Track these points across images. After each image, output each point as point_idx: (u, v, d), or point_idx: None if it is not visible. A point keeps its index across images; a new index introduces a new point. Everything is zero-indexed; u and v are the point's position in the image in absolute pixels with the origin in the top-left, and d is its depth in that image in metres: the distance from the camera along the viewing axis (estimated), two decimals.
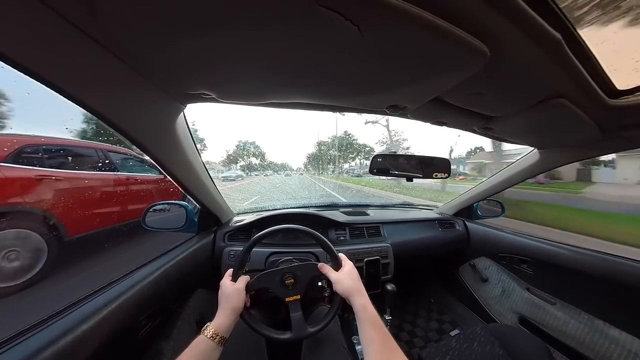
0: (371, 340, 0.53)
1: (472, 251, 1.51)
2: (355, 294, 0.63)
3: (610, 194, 7.57)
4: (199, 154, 0.89)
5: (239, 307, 0.64)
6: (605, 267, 0.91)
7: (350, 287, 0.65)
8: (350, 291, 0.64)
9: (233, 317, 0.62)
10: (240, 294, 0.66)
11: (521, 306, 1.20)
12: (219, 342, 0.57)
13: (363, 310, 0.59)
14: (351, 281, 0.66)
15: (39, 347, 0.46)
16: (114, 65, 0.45)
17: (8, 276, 1.73)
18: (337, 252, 0.74)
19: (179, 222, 1.09)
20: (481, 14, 0.34)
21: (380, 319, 0.58)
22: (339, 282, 0.67)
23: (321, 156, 26.63)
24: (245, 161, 28.13)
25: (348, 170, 25.86)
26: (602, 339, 0.89)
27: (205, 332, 0.57)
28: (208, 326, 0.58)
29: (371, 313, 0.58)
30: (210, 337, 0.56)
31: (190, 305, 0.96)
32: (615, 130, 0.73)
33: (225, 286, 0.66)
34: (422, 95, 0.58)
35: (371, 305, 0.60)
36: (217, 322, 0.60)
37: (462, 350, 0.95)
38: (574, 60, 0.45)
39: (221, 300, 0.65)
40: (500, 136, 0.92)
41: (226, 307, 0.63)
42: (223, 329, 0.59)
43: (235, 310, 0.63)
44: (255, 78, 0.50)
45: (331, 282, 0.69)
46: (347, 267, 0.70)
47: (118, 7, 0.32)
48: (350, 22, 0.32)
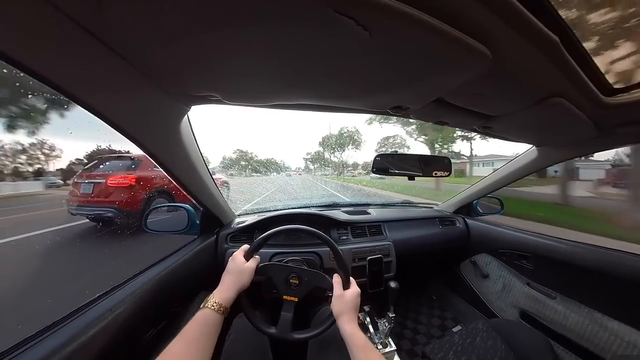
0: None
1: (472, 248, 1.53)
2: (345, 319, 0.63)
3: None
4: (201, 155, 0.89)
5: (245, 284, 0.65)
6: (603, 260, 0.93)
7: (345, 310, 0.65)
8: (343, 314, 0.64)
9: (236, 292, 0.63)
10: (251, 273, 0.66)
11: (522, 301, 1.22)
12: (223, 312, 0.57)
13: (352, 336, 0.59)
14: (349, 305, 0.66)
15: (46, 354, 0.45)
16: (119, 66, 0.45)
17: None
18: (350, 272, 0.73)
19: (180, 224, 1.09)
20: (482, 18, 0.35)
21: (369, 342, 0.59)
22: (339, 300, 0.67)
23: (320, 157, 26.50)
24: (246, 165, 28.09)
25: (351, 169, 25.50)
26: (601, 331, 0.91)
27: (208, 303, 0.57)
28: (212, 298, 0.58)
29: (359, 338, 0.59)
30: (217, 310, 0.56)
31: (194, 307, 0.96)
32: (611, 127, 0.74)
33: (238, 261, 0.67)
34: (425, 96, 0.59)
35: (359, 331, 0.61)
36: (223, 294, 0.60)
37: (464, 345, 0.97)
38: (571, 60, 0.47)
39: (231, 273, 0.65)
40: (500, 134, 0.93)
41: (235, 281, 0.63)
42: (228, 301, 0.59)
43: (242, 287, 0.64)
44: (262, 80, 0.51)
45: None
46: (353, 290, 0.69)
47: (124, 6, 0.32)
48: (362, 28, 0.33)
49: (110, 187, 3.04)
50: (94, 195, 3.02)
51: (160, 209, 1.15)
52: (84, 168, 3.33)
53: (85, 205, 3.06)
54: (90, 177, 3.13)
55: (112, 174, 3.10)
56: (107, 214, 2.95)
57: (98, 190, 3.03)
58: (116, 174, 3.11)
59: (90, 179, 3.11)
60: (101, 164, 3.37)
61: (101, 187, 3.03)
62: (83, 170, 3.31)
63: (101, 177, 3.09)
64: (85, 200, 3.04)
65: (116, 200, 2.98)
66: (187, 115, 0.72)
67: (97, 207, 3.03)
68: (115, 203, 2.97)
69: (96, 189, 3.04)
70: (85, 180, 3.12)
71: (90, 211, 3.11)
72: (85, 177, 3.14)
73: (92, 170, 3.30)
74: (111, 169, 3.25)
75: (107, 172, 3.17)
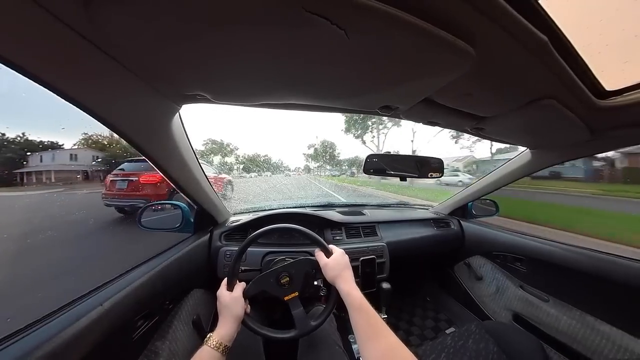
0: (357, 324, 0.55)
1: (466, 250, 1.52)
2: (340, 280, 0.64)
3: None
4: (194, 154, 0.89)
5: (240, 314, 0.65)
6: (597, 264, 0.93)
7: (336, 274, 0.66)
8: (336, 277, 0.65)
9: (235, 326, 0.63)
10: (239, 302, 0.66)
11: (515, 304, 1.22)
12: (223, 351, 0.57)
13: (348, 295, 0.60)
14: (337, 268, 0.67)
15: (31, 348, 0.45)
16: (110, 66, 0.45)
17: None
18: (325, 242, 0.75)
19: (175, 222, 1.09)
20: (465, 16, 0.35)
21: (367, 302, 0.58)
22: (327, 268, 0.68)
23: (317, 156, 26.14)
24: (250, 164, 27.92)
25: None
26: (593, 334, 0.91)
27: (208, 342, 0.57)
28: (211, 337, 0.58)
29: (355, 297, 0.59)
30: (215, 348, 0.56)
31: (186, 305, 0.96)
32: (604, 130, 0.74)
33: (223, 296, 0.67)
34: (412, 95, 0.59)
35: (356, 290, 0.61)
36: (220, 332, 0.60)
37: (457, 347, 0.96)
38: (562, 61, 0.46)
39: (221, 311, 0.65)
40: (492, 136, 0.93)
41: (227, 317, 0.63)
42: (227, 338, 0.59)
43: (237, 318, 0.64)
44: (248, 80, 0.51)
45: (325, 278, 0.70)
46: (336, 254, 0.72)
47: (111, 7, 0.32)
48: (336, 27, 0.32)
49: (142, 184, 3.72)
50: (129, 190, 3.79)
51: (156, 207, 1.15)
52: (118, 168, 4.10)
53: (121, 199, 3.84)
54: (126, 175, 3.87)
55: (144, 173, 3.75)
56: (139, 205, 3.42)
57: (132, 186, 3.78)
58: (147, 172, 3.76)
59: (125, 177, 3.85)
60: (130, 163, 4.06)
61: (135, 184, 3.77)
62: (117, 169, 4.10)
63: (134, 175, 3.80)
64: (120, 194, 3.82)
65: (147, 194, 3.69)
66: (179, 114, 0.72)
67: (131, 200, 3.80)
68: (146, 196, 3.68)
69: (130, 185, 3.79)
70: (121, 177, 3.88)
71: (125, 203, 3.85)
72: (121, 175, 3.90)
73: (124, 169, 4.09)
74: (141, 169, 3.87)
75: (139, 171, 3.79)
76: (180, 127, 0.77)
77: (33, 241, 2.55)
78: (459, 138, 17.65)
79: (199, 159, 0.93)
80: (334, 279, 0.66)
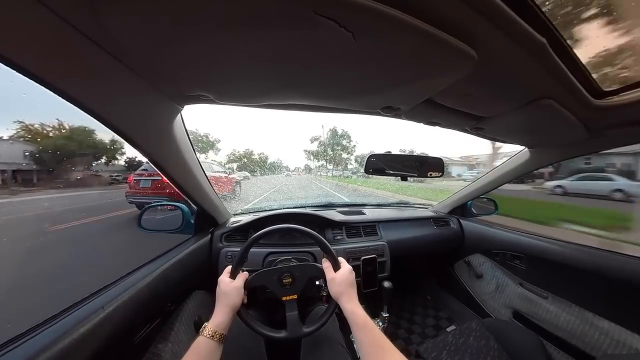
0: (362, 342, 0.55)
1: (466, 248, 1.53)
2: (345, 298, 0.63)
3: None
4: (196, 155, 0.89)
5: (237, 304, 0.64)
6: (595, 261, 0.94)
7: (342, 291, 0.65)
8: (341, 295, 0.64)
9: (231, 315, 0.62)
10: (239, 291, 0.66)
11: (515, 301, 1.23)
12: (219, 339, 0.57)
13: (352, 314, 0.60)
14: (343, 285, 0.66)
15: (32, 354, 0.45)
16: (112, 66, 0.45)
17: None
18: (336, 254, 0.73)
19: (175, 223, 1.09)
20: (468, 19, 0.35)
21: (371, 320, 0.59)
22: (333, 283, 0.67)
23: (319, 154, 25.98)
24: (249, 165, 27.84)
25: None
26: (592, 330, 0.92)
27: (204, 332, 0.57)
28: (206, 326, 0.58)
29: (360, 316, 0.59)
30: (210, 337, 0.56)
31: (188, 306, 0.96)
32: (601, 129, 0.75)
33: (223, 283, 0.66)
34: (414, 96, 0.60)
35: (360, 309, 0.61)
36: (215, 320, 0.60)
37: (458, 345, 0.97)
38: (559, 62, 0.47)
39: (219, 297, 0.65)
40: (491, 136, 0.94)
41: (225, 304, 0.63)
42: (222, 326, 0.59)
43: (234, 307, 0.63)
44: (251, 80, 0.51)
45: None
46: (344, 270, 0.70)
47: (116, 8, 0.32)
48: (344, 29, 0.33)
49: (165, 182, 3.80)
50: (152, 189, 4.23)
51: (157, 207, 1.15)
52: (141, 168, 4.46)
53: (144, 196, 4.26)
54: (150, 175, 4.28)
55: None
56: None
57: (155, 185, 4.22)
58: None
59: (149, 177, 4.28)
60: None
61: (157, 183, 4.19)
62: (140, 169, 4.49)
63: (158, 175, 3.92)
64: (145, 192, 4.28)
65: (169, 192, 3.96)
66: (180, 115, 0.72)
67: (153, 198, 4.18)
68: (168, 194, 4.04)
69: (154, 184, 4.23)
70: (145, 177, 4.32)
71: (148, 201, 4.04)
72: (147, 175, 4.32)
73: (147, 170, 4.50)
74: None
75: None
76: (182, 128, 0.77)
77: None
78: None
79: (205, 160, 0.93)
80: (339, 296, 0.65)
